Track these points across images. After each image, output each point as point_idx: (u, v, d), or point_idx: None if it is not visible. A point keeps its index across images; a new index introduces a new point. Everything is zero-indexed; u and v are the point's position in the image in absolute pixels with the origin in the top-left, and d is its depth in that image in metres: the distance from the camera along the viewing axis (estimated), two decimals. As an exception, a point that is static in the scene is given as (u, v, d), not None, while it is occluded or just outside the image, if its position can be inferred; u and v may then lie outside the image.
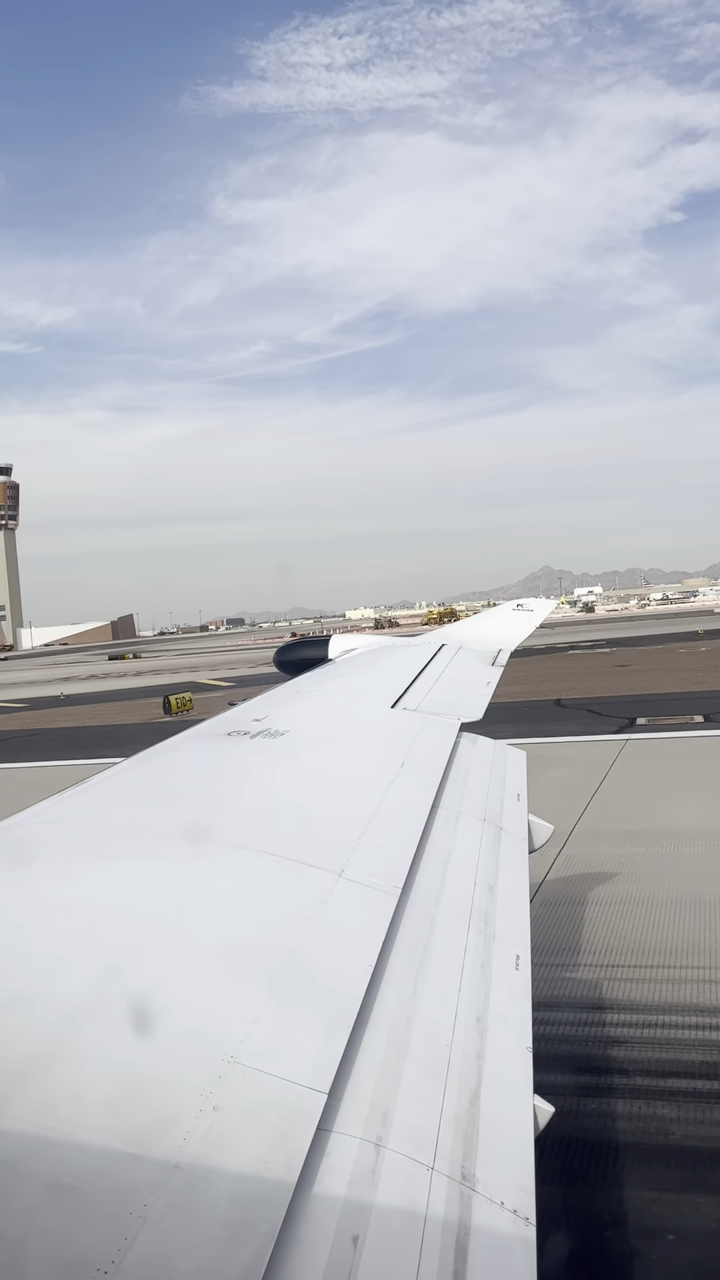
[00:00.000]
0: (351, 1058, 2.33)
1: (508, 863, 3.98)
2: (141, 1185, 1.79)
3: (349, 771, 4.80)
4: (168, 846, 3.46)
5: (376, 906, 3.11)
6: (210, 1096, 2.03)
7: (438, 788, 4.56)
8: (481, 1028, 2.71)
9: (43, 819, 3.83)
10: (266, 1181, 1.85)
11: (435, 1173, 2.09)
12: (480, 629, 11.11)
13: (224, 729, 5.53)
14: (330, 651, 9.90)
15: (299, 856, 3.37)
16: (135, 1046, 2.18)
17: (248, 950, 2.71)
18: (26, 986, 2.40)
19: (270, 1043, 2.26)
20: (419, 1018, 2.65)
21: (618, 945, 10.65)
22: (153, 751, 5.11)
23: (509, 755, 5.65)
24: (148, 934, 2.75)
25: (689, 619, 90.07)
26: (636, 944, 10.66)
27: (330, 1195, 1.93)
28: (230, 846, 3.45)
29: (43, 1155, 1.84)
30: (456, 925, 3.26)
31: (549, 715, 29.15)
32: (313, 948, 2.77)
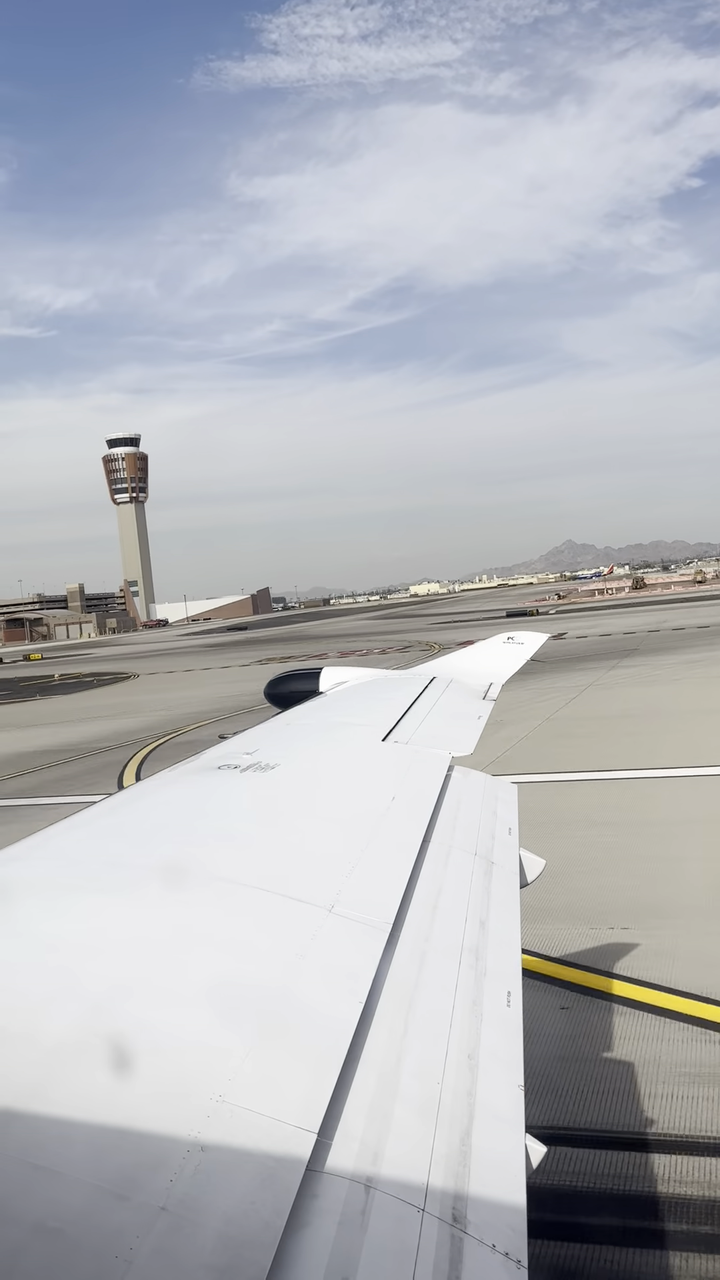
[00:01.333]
0: (342, 1096, 2.31)
1: (499, 898, 3.96)
2: (127, 1228, 1.76)
3: (339, 805, 4.79)
4: (156, 882, 3.44)
5: (367, 942, 3.09)
6: (198, 1136, 2.00)
7: (429, 822, 4.54)
8: (473, 1065, 2.68)
9: (29, 855, 3.80)
10: (255, 1223, 1.83)
11: (426, 1214, 2.06)
12: (471, 662, 11.12)
13: (215, 762, 5.51)
14: (321, 684, 9.90)
15: (289, 892, 3.35)
16: (121, 1086, 2.15)
17: (237, 987, 2.68)
18: (11, 1024, 2.37)
19: (259, 1081, 2.23)
20: (410, 1055, 2.62)
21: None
22: (142, 786, 5.08)
23: (500, 789, 5.64)
24: (135, 971, 2.72)
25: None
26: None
27: (319, 1237, 1.90)
28: (219, 881, 3.43)
29: (27, 1196, 1.81)
30: (447, 962, 3.24)
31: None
32: (302, 984, 2.74)
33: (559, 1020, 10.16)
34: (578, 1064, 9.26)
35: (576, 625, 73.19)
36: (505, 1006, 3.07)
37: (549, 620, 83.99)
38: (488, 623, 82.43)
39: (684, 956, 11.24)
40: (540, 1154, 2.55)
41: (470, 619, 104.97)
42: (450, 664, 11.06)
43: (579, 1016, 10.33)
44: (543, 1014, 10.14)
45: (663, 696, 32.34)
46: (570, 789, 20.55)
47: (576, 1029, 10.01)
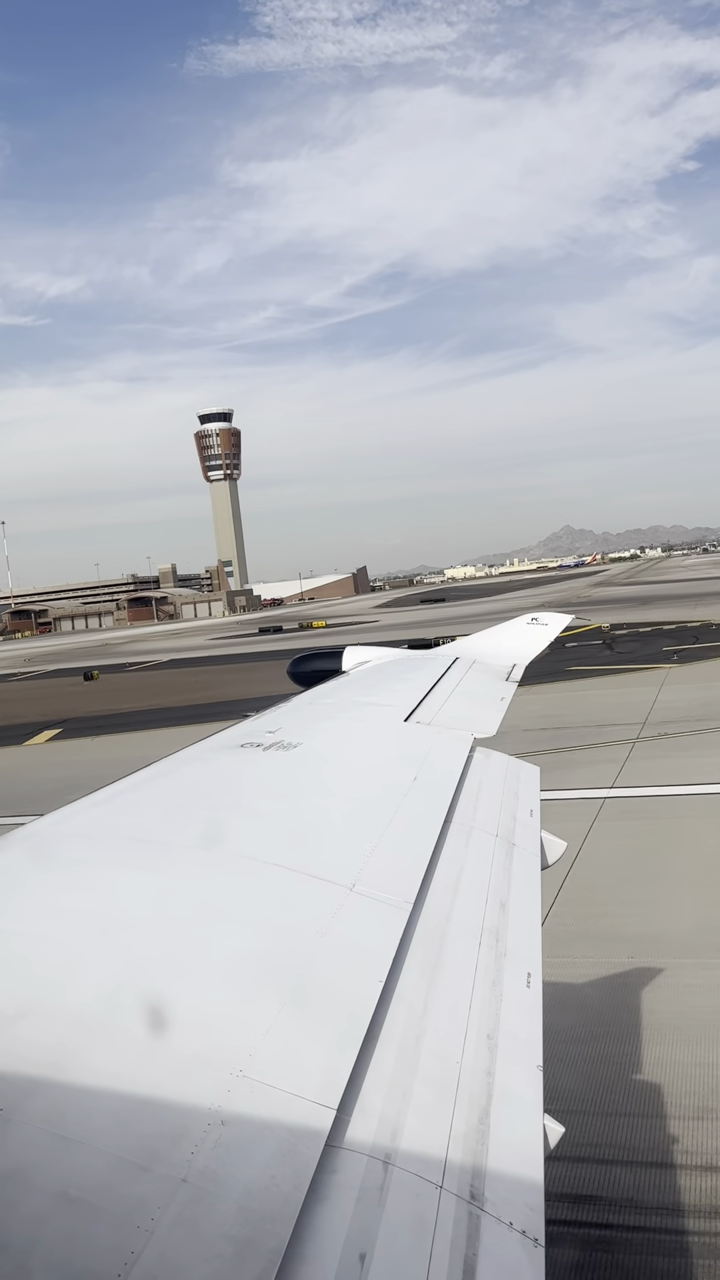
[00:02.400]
0: (361, 1073, 2.33)
1: (520, 879, 3.96)
2: (149, 1198, 1.78)
3: (361, 785, 4.80)
4: (180, 857, 3.46)
5: (388, 921, 3.10)
6: (219, 1109, 2.03)
7: (450, 802, 4.55)
8: (492, 1045, 2.69)
9: (56, 828, 3.84)
10: (274, 1196, 1.85)
11: (444, 1191, 2.08)
12: (494, 643, 11.09)
13: (238, 740, 5.53)
14: (344, 664, 9.90)
15: (311, 869, 3.36)
16: (144, 1058, 2.18)
17: (258, 963, 2.71)
18: (37, 995, 2.40)
19: (279, 1056, 2.25)
20: (429, 1034, 2.64)
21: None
22: (167, 762, 5.11)
23: (522, 771, 5.63)
24: (159, 945, 2.75)
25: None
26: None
27: (338, 1211, 1.92)
28: (242, 858, 3.45)
29: (50, 1166, 1.84)
30: (468, 942, 3.24)
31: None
32: (323, 961, 2.76)
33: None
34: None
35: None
36: (525, 987, 3.07)
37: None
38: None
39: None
40: (558, 1134, 2.56)
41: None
42: (473, 645, 11.03)
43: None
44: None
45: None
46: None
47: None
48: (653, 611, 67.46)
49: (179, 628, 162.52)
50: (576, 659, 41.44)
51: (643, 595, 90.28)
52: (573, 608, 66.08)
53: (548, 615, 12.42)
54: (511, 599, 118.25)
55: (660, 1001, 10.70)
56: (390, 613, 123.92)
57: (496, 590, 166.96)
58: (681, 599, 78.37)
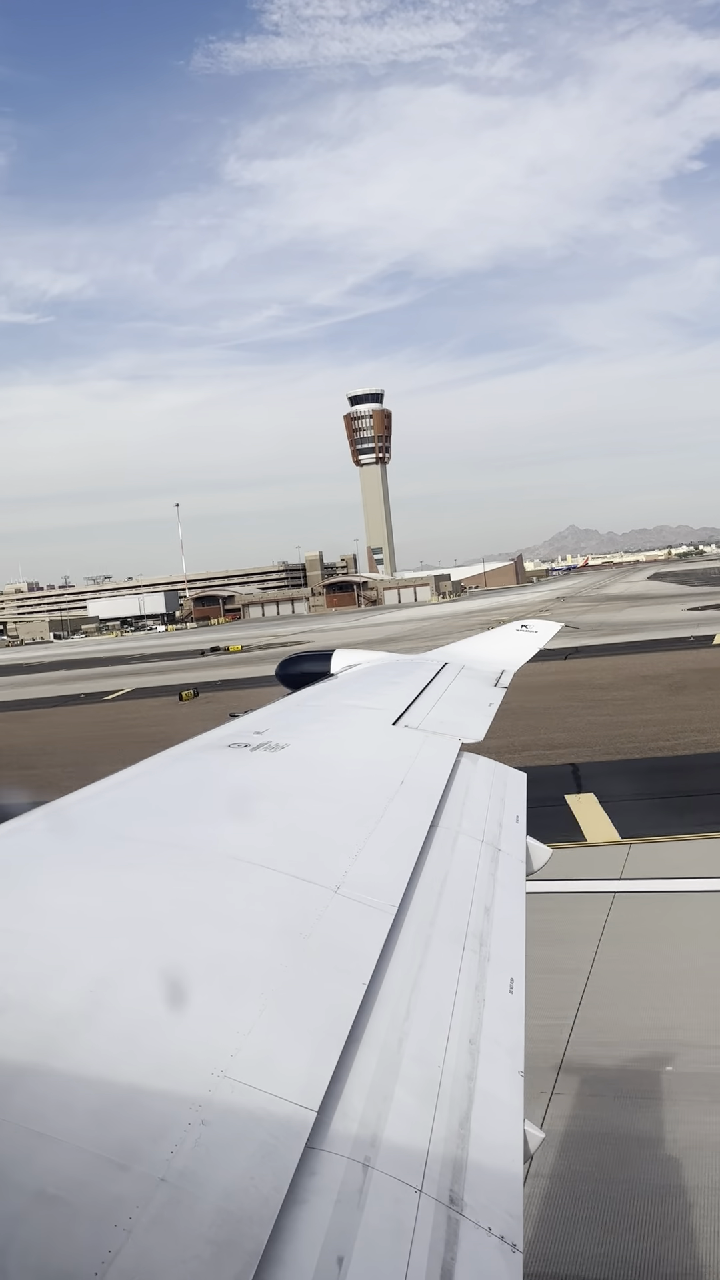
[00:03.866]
0: (342, 1076, 2.32)
1: (504, 885, 3.96)
2: (127, 1197, 1.78)
3: (348, 787, 4.79)
4: (164, 856, 3.45)
5: (372, 924, 3.10)
6: (199, 1110, 2.02)
7: (436, 807, 4.55)
8: (474, 1050, 2.69)
9: (39, 826, 3.82)
10: (253, 1198, 1.84)
11: (423, 1195, 2.07)
12: (483, 649, 11.10)
13: (225, 741, 5.52)
14: (333, 666, 9.90)
15: (295, 871, 3.36)
16: (125, 1056, 2.17)
17: (241, 963, 2.70)
18: (17, 992, 2.38)
19: (261, 1058, 2.25)
20: (411, 1038, 2.63)
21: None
22: (153, 761, 5.10)
23: (509, 776, 5.64)
24: (141, 943, 2.74)
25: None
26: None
27: (317, 1214, 1.91)
28: (227, 858, 3.44)
29: (29, 1163, 1.83)
30: (451, 946, 3.24)
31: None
32: (306, 964, 2.76)
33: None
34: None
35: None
36: (508, 993, 3.07)
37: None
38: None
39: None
40: (538, 1140, 2.56)
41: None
42: (462, 650, 11.04)
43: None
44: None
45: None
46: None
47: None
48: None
49: (412, 615, 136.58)
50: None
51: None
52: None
53: (537, 622, 12.45)
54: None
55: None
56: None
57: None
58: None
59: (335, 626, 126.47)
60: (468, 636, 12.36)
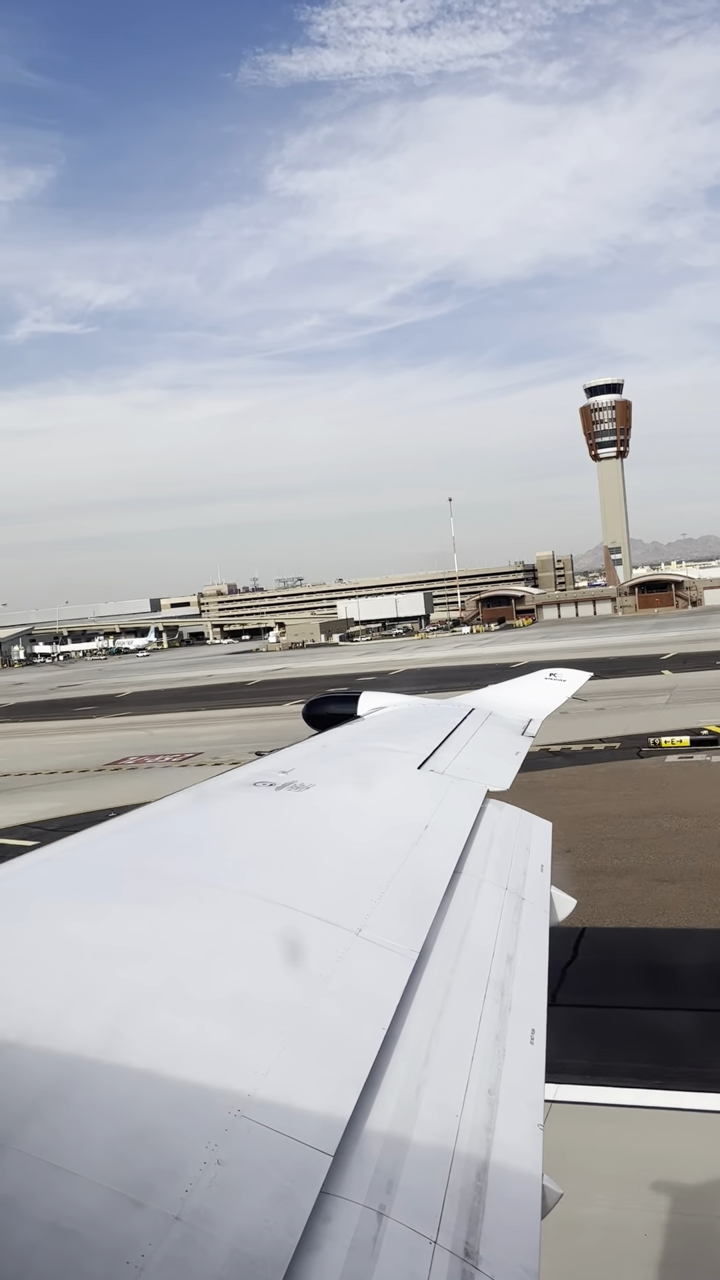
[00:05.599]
0: (360, 1121, 2.30)
1: (528, 934, 3.93)
2: (141, 1235, 1.77)
3: (372, 830, 4.78)
4: (188, 893, 3.45)
5: (393, 969, 3.08)
6: (215, 1149, 2.01)
7: (461, 853, 4.52)
8: (493, 1100, 2.65)
9: (64, 858, 3.84)
10: (267, 1241, 1.82)
11: (438, 1247, 2.04)
12: (511, 696, 11.07)
13: (250, 779, 5.53)
14: (360, 708, 9.90)
15: (318, 912, 3.35)
16: (143, 1093, 2.16)
17: (261, 1003, 2.69)
18: (37, 1025, 2.39)
19: (278, 1099, 2.23)
20: (430, 1085, 2.61)
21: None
22: (179, 797, 5.11)
23: (534, 825, 5.60)
24: (161, 980, 2.74)
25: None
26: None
27: (330, 1261, 1.89)
28: (249, 897, 3.43)
29: (43, 1197, 1.83)
30: (473, 994, 3.21)
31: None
32: (326, 1006, 2.74)
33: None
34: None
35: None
36: (529, 1044, 3.04)
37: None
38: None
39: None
40: (557, 1196, 2.51)
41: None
42: (490, 696, 11.02)
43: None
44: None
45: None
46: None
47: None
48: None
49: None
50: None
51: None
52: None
53: (566, 671, 12.40)
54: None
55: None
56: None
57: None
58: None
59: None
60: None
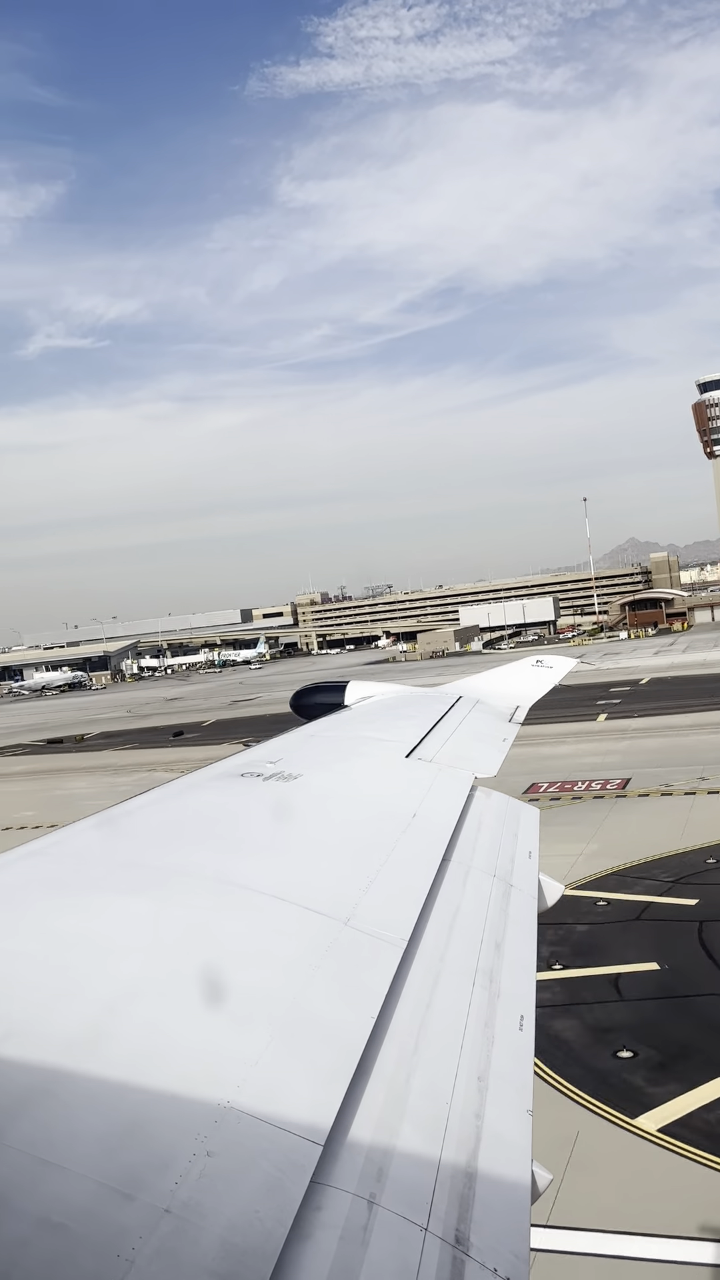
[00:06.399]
0: (349, 1110, 2.30)
1: (516, 921, 3.94)
2: (131, 1227, 1.76)
3: (360, 819, 4.78)
4: (175, 885, 3.45)
5: (382, 958, 3.08)
6: (204, 1141, 2.01)
7: (449, 841, 4.53)
8: (482, 1087, 2.66)
9: (51, 851, 3.82)
10: (257, 1232, 1.82)
11: (429, 1234, 2.05)
12: (498, 683, 11.08)
13: (238, 770, 5.52)
14: (347, 698, 9.90)
15: (306, 902, 3.35)
16: (130, 1086, 2.16)
17: (250, 994, 2.69)
18: (25, 1017, 2.38)
19: (268, 1090, 2.23)
20: (419, 1073, 2.61)
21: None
22: (167, 788, 5.10)
23: (522, 812, 5.61)
24: (150, 972, 2.73)
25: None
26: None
27: (321, 1250, 1.89)
28: (237, 888, 3.43)
29: (32, 1190, 1.82)
30: (461, 982, 3.22)
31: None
32: (315, 996, 2.74)
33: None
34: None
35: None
36: (517, 1030, 3.05)
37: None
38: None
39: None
40: (546, 1181, 2.53)
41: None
42: (476, 684, 11.03)
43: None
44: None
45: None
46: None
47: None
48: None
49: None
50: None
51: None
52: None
53: (553, 658, 12.42)
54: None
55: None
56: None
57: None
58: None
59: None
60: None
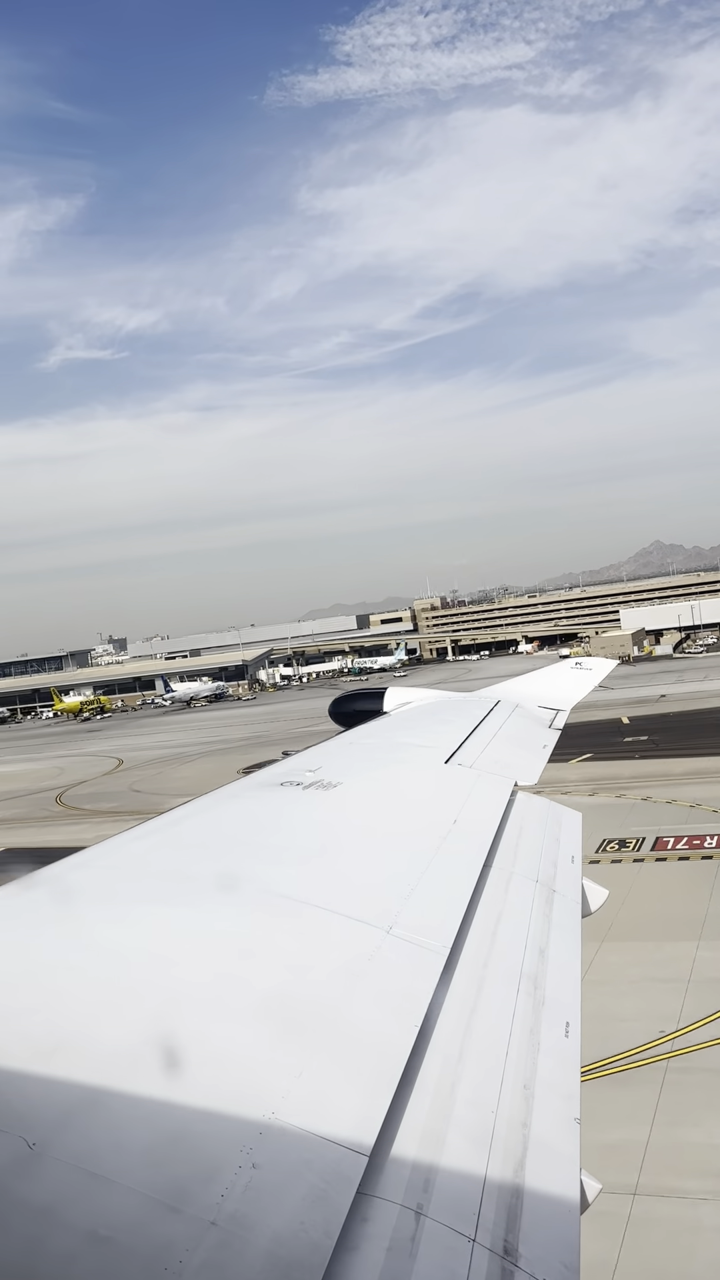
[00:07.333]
0: (395, 1120, 2.29)
1: (560, 926, 3.90)
2: (178, 1240, 1.77)
3: (400, 826, 4.77)
4: (217, 895, 3.46)
5: (424, 966, 3.06)
6: (250, 1153, 2.01)
7: (490, 847, 4.50)
8: (528, 1096, 2.64)
9: (97, 863, 3.85)
10: (304, 1244, 1.82)
11: (477, 1245, 2.03)
12: (537, 686, 11.01)
13: (278, 779, 5.53)
14: (386, 705, 9.89)
15: (348, 911, 3.34)
16: (176, 1097, 2.16)
17: (293, 1004, 2.68)
18: (73, 1029, 2.40)
19: (312, 1101, 2.23)
20: (464, 1082, 2.59)
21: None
22: (207, 799, 5.12)
23: (564, 816, 5.57)
24: (194, 983, 2.74)
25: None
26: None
27: (368, 1262, 1.88)
28: (279, 898, 3.43)
29: (80, 1204, 1.83)
30: (505, 989, 3.20)
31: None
32: (359, 1005, 2.73)
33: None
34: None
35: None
36: (564, 1037, 3.02)
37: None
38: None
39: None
40: (595, 1191, 2.49)
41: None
42: (515, 688, 10.97)
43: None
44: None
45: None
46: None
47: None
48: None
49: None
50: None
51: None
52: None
53: (592, 660, 12.33)
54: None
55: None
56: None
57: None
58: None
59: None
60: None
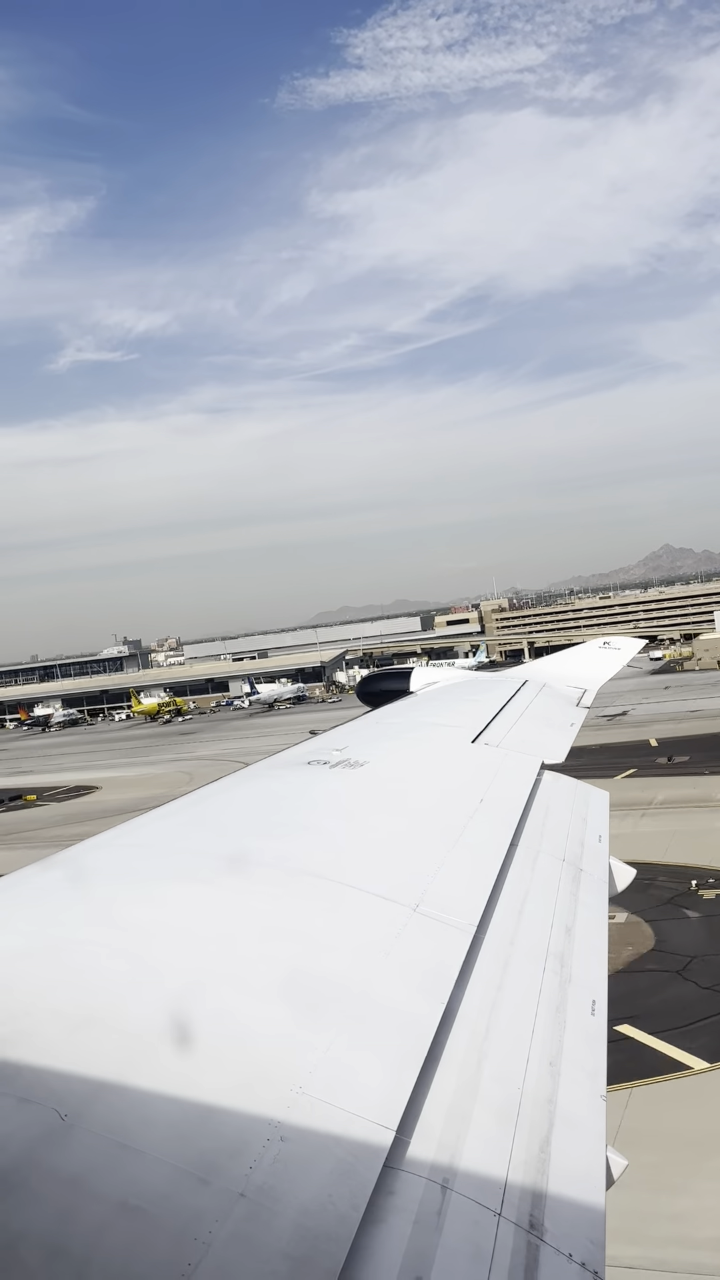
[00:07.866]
0: (421, 1095, 2.31)
1: (586, 905, 3.90)
2: (206, 1211, 1.79)
3: (426, 805, 4.78)
4: (246, 873, 3.48)
5: (451, 943, 3.08)
6: (278, 1126, 2.03)
7: (517, 825, 4.50)
8: (554, 1072, 2.65)
9: (126, 840, 3.89)
10: (331, 1216, 1.84)
11: (503, 1219, 2.05)
12: (564, 666, 10.97)
13: (305, 758, 5.55)
14: (412, 684, 9.89)
15: (374, 888, 3.35)
16: (205, 1071, 2.19)
17: (320, 980, 2.70)
18: (103, 1004, 2.43)
19: (340, 1075, 2.25)
20: (490, 1058, 2.61)
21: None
22: (234, 778, 5.16)
23: (591, 796, 5.55)
24: (221, 959, 2.76)
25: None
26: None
27: (395, 1234, 1.90)
28: (306, 875, 3.45)
29: (111, 1175, 1.86)
30: (532, 966, 3.20)
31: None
32: (385, 981, 2.75)
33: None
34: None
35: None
36: (589, 1014, 3.02)
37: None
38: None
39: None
40: (621, 1167, 2.50)
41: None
42: (543, 668, 10.93)
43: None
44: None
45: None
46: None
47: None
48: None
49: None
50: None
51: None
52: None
53: (620, 640, 12.26)
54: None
55: None
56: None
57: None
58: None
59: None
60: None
